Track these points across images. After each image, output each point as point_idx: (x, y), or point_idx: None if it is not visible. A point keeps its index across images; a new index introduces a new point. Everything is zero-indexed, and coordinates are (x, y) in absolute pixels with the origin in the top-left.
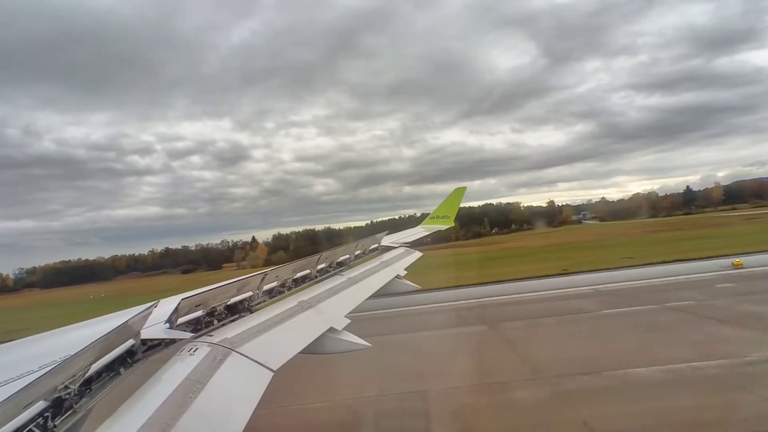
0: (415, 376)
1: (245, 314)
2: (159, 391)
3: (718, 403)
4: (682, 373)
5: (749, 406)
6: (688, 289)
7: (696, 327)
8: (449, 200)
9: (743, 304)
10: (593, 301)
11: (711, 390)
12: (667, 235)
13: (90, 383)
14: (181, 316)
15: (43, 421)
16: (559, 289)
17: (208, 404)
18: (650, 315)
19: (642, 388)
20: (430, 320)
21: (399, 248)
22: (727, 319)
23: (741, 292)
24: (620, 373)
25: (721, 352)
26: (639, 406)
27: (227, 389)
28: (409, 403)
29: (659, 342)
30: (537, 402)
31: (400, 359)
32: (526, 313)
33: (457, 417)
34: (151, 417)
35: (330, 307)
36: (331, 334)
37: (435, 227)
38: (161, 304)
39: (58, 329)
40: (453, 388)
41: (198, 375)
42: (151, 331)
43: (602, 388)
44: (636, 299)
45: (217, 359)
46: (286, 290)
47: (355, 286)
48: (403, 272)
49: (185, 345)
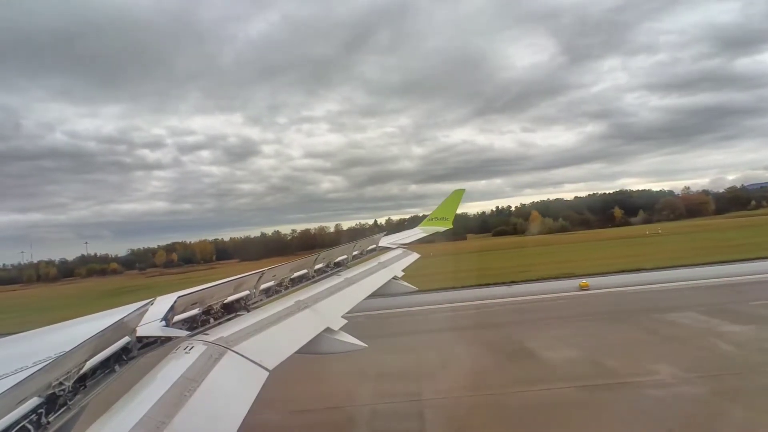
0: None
1: (242, 313)
2: (154, 388)
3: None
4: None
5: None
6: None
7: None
8: (448, 202)
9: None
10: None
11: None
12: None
13: (85, 380)
14: (178, 314)
15: (36, 418)
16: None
17: (203, 403)
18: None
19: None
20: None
21: (397, 249)
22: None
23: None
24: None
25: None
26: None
27: (222, 388)
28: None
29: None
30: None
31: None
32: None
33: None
34: (145, 414)
35: (327, 307)
36: (327, 334)
37: (433, 229)
38: (158, 301)
39: (54, 325)
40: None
41: (193, 373)
42: (147, 328)
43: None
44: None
45: (213, 358)
46: (284, 290)
47: (352, 286)
48: (400, 273)
49: (181, 343)
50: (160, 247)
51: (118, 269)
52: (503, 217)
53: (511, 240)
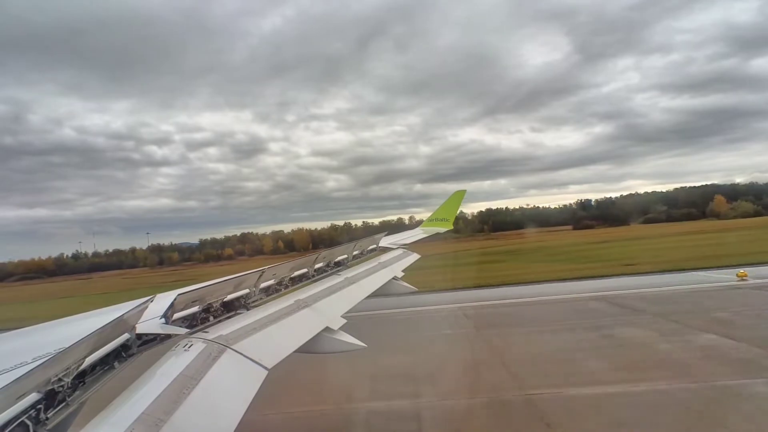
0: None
1: (241, 311)
2: (153, 386)
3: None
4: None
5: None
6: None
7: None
8: (449, 203)
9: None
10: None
11: None
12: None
13: (84, 376)
14: (177, 312)
15: (35, 413)
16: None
17: (201, 400)
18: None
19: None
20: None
21: (397, 249)
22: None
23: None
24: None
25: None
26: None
27: (221, 386)
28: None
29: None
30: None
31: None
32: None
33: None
34: (144, 411)
35: (326, 306)
36: (326, 333)
37: (434, 230)
38: (158, 298)
39: (54, 321)
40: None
41: (192, 371)
42: (146, 325)
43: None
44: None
45: (212, 356)
46: (283, 288)
47: (352, 286)
48: (401, 274)
49: (180, 340)
50: (266, 236)
51: (233, 255)
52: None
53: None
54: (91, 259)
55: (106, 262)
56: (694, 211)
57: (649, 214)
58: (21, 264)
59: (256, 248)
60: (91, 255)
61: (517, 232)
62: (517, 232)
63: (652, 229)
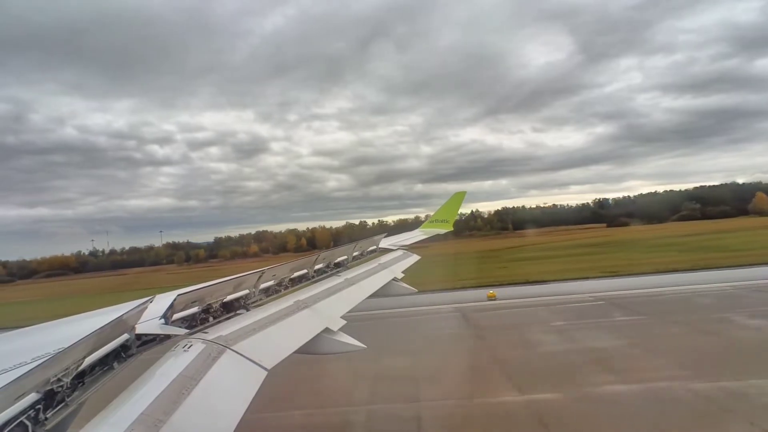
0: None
1: (241, 312)
2: (152, 386)
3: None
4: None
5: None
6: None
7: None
8: (449, 204)
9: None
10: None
11: None
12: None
13: (83, 377)
14: (177, 312)
15: (34, 414)
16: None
17: (201, 401)
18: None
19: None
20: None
21: (397, 251)
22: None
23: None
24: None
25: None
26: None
27: (221, 386)
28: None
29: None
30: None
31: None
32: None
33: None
34: (143, 412)
35: (326, 307)
36: (326, 334)
37: (434, 231)
38: (157, 299)
39: (53, 321)
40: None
41: (192, 371)
42: (146, 326)
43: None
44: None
45: (212, 356)
46: (283, 289)
47: (352, 287)
48: (401, 275)
49: (180, 341)
50: (286, 232)
51: (258, 252)
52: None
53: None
54: (110, 256)
55: (128, 259)
56: (729, 209)
57: (683, 212)
58: (44, 261)
59: (279, 245)
60: (108, 252)
61: (550, 229)
62: (548, 229)
63: (732, 223)
